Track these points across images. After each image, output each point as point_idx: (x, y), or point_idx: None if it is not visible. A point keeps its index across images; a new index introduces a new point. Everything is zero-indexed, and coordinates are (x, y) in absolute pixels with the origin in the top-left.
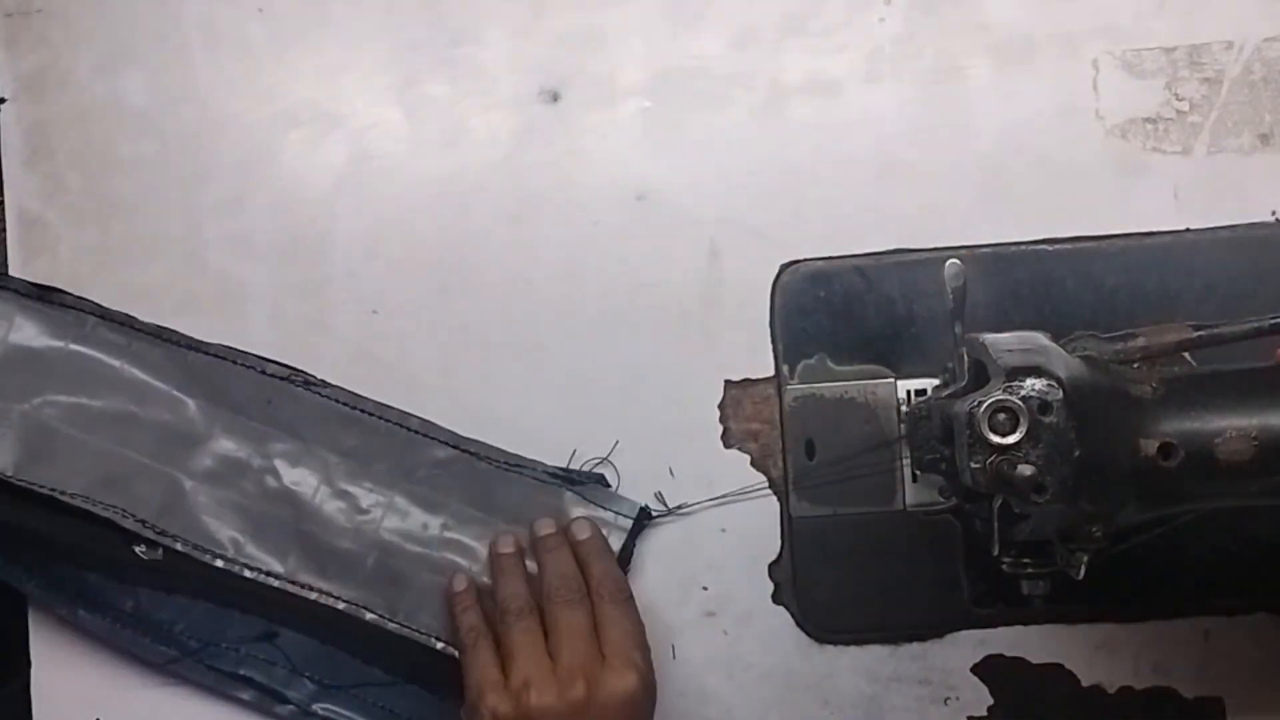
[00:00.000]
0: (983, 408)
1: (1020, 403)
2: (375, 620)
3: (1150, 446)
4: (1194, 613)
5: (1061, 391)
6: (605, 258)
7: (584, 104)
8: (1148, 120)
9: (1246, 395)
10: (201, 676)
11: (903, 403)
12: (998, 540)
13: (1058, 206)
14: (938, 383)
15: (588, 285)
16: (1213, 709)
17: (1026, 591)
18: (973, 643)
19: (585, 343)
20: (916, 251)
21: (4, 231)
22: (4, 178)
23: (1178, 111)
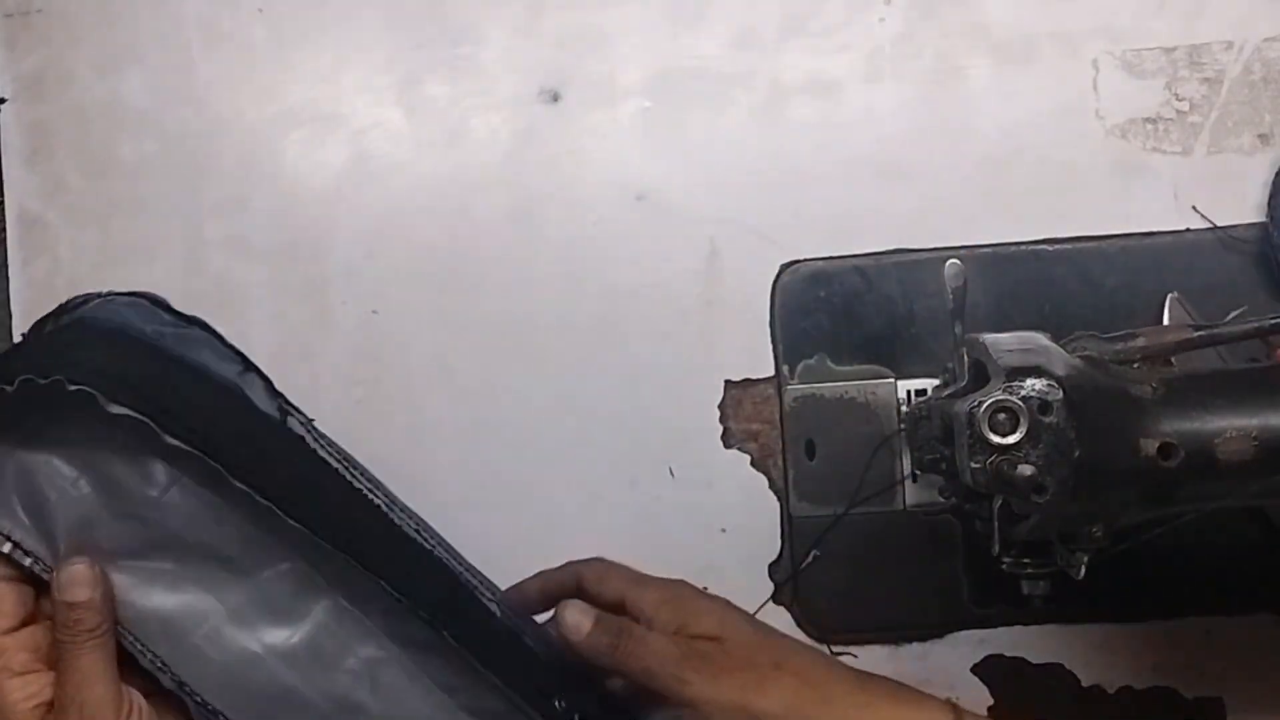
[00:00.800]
0: (983, 408)
1: (1020, 403)
2: None
3: (1150, 446)
4: (1194, 613)
5: (1061, 391)
6: (605, 258)
7: (584, 104)
8: (1148, 120)
9: (1246, 395)
10: None
11: (903, 403)
12: (998, 540)
13: (1058, 206)
14: (938, 383)
15: (588, 285)
16: (1213, 709)
17: (1026, 591)
18: (973, 643)
19: (585, 342)
20: (916, 251)
21: (4, 231)
22: (4, 178)
23: (1178, 111)
